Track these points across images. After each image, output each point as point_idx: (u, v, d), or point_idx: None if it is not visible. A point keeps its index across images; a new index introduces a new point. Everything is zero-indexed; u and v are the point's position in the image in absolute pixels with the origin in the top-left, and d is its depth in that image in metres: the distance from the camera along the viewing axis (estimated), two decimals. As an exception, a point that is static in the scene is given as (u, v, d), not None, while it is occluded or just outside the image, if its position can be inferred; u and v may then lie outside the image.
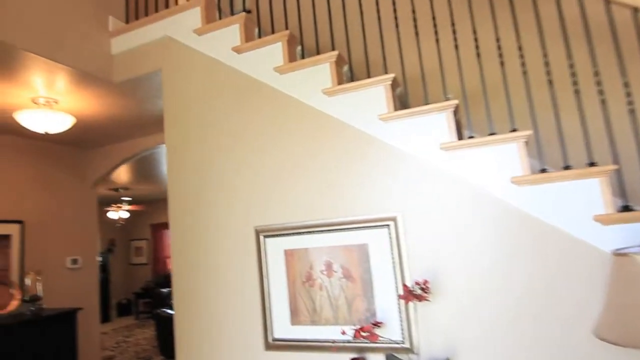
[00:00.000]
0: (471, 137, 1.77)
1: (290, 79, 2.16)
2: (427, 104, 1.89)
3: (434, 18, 2.12)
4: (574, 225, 1.57)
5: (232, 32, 2.34)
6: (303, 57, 2.20)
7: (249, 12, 2.49)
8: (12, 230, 3.84)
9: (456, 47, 2.02)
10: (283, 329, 2.01)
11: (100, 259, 9.28)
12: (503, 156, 1.72)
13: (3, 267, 3.71)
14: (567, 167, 1.66)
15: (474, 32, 1.99)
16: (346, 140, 2.00)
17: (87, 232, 4.52)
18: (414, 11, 2.11)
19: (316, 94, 2.09)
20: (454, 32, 2.02)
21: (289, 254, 2.04)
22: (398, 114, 1.89)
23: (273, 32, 2.29)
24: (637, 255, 1.16)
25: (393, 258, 1.82)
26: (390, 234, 1.84)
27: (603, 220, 1.52)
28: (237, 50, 2.29)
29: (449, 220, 1.77)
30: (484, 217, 1.72)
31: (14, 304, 3.55)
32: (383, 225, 1.86)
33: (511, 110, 1.86)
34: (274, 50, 2.20)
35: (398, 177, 1.88)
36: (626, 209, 1.54)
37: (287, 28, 2.27)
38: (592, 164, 1.62)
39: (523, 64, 1.85)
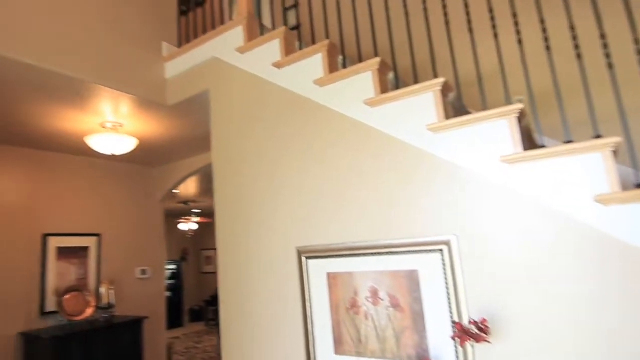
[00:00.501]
0: (541, 147, 1.50)
1: (332, 91, 2.04)
2: (485, 109, 1.66)
3: (491, 11, 1.85)
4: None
5: (272, 47, 2.29)
6: (345, 67, 2.07)
7: (298, 26, 2.43)
8: (90, 242, 4.17)
9: (520, 41, 1.75)
10: (326, 358, 1.87)
11: (174, 267, 9.92)
12: (584, 169, 1.42)
13: (82, 276, 4.03)
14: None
15: (542, 21, 1.69)
16: (392, 154, 1.83)
17: (155, 244, 4.78)
18: (466, 5, 1.87)
19: (359, 105, 1.95)
20: (517, 24, 1.75)
21: (332, 278, 1.91)
22: (449, 124, 1.68)
23: (314, 43, 2.19)
24: None
25: (447, 288, 1.61)
26: (443, 260, 1.63)
27: None
28: (278, 65, 2.23)
29: (514, 245, 1.52)
30: (559, 243, 1.44)
31: (89, 311, 3.83)
32: (435, 250, 1.65)
33: (593, 113, 1.54)
34: (314, 62, 2.11)
35: (451, 195, 1.66)
36: None
37: (328, 37, 2.16)
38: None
39: (607, 56, 1.54)
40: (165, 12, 3.07)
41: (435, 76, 1.83)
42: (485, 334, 1.38)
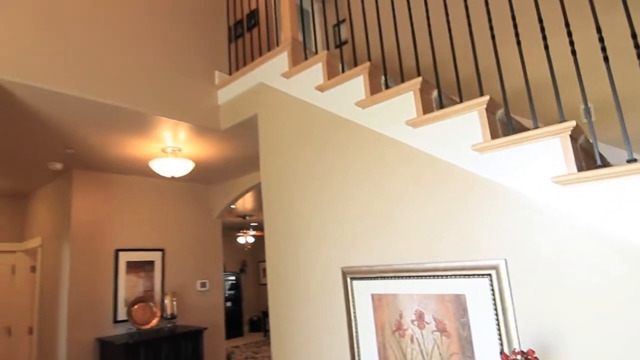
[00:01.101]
0: (601, 167, 1.40)
1: (373, 112, 2.06)
2: (537, 127, 1.58)
3: (540, 21, 1.74)
4: None
5: (315, 71, 2.36)
6: (387, 85, 2.08)
7: (344, 43, 2.48)
8: (156, 257, 4.49)
9: (573, 52, 1.63)
10: (374, 381, 1.87)
11: (234, 278, 10.31)
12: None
13: (149, 288, 4.34)
14: None
15: (599, 30, 1.55)
16: (436, 175, 1.80)
17: (214, 258, 5.03)
18: (514, 17, 1.79)
19: (400, 126, 1.95)
20: (570, 34, 1.61)
21: (376, 299, 1.91)
22: (496, 144, 1.62)
23: (356, 64, 2.23)
24: None
25: (496, 314, 1.54)
26: (491, 285, 1.57)
27: None
28: (321, 88, 2.30)
29: (569, 273, 1.43)
30: (621, 272, 1.33)
31: (155, 321, 4.11)
32: (483, 275, 1.60)
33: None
34: (356, 85, 2.14)
35: (499, 217, 1.60)
36: None
37: (369, 59, 2.18)
38: None
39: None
40: (217, 42, 3.28)
41: (481, 93, 1.78)
42: None
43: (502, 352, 1.32)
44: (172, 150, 3.55)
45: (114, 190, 4.26)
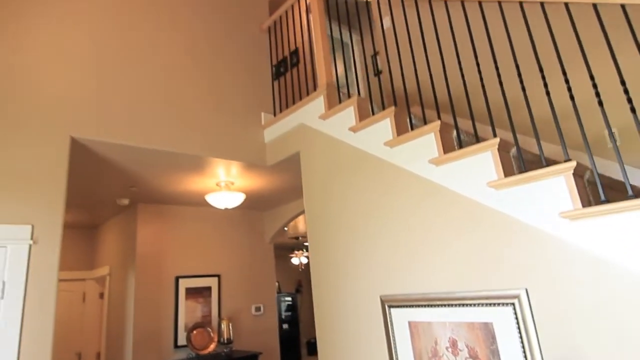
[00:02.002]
0: (605, 202, 1.50)
1: (400, 151, 2.25)
2: (546, 164, 1.68)
3: (558, 56, 1.83)
4: None
5: (348, 114, 2.60)
6: (412, 125, 2.26)
7: (380, 72, 2.69)
8: (212, 282, 4.83)
9: (595, 88, 1.71)
10: (412, 405, 1.98)
11: (290, 299, 10.33)
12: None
13: (206, 314, 4.68)
14: None
15: (615, 65, 1.62)
16: (459, 210, 1.94)
17: (267, 281, 5.28)
18: (536, 52, 1.87)
19: (425, 164, 2.12)
20: (589, 69, 1.68)
21: (413, 326, 2.05)
22: (507, 181, 1.75)
23: (383, 107, 2.44)
24: None
25: (522, 342, 1.64)
26: (515, 313, 1.67)
27: None
28: (353, 129, 2.53)
29: (587, 303, 1.51)
30: (626, 296, 1.40)
31: (212, 346, 4.41)
32: (507, 304, 1.70)
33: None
34: (383, 126, 2.35)
35: (519, 250, 1.71)
36: None
37: (404, 88, 2.38)
38: None
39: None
40: (262, 83, 3.63)
41: (494, 133, 1.91)
42: None
43: None
44: (225, 184, 3.91)
45: (174, 220, 4.69)
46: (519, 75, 1.84)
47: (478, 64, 1.99)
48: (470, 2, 2.68)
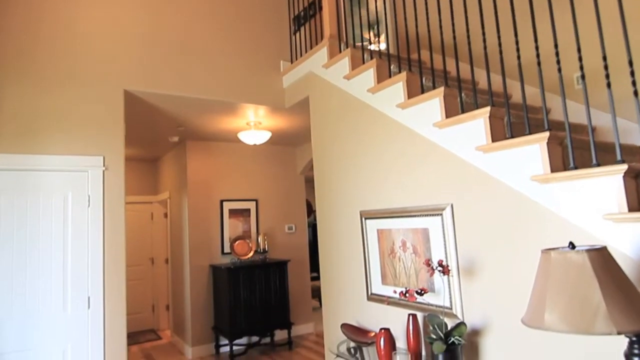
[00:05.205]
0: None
1: (380, 96, 2.75)
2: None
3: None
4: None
5: (344, 64, 3.09)
6: (390, 74, 2.73)
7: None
8: (251, 205, 5.77)
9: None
10: (377, 286, 2.72)
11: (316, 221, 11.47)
12: None
13: (246, 229, 5.68)
14: None
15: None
16: (417, 147, 2.49)
17: (298, 207, 6.15)
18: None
19: (393, 108, 2.62)
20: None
21: (379, 233, 2.72)
22: (448, 122, 2.25)
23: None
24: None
25: (444, 241, 2.26)
26: (442, 221, 2.27)
27: None
28: (347, 77, 3.03)
29: (489, 218, 2.07)
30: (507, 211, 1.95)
31: (251, 254, 5.44)
32: (438, 214, 2.30)
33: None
34: (368, 76, 2.84)
35: (448, 175, 2.26)
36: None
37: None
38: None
39: None
40: (281, 35, 4.12)
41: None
42: (447, 270, 2.04)
43: (426, 259, 2.05)
44: (254, 124, 4.61)
45: (217, 154, 5.56)
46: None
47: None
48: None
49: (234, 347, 5.19)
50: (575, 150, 2.03)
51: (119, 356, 2.99)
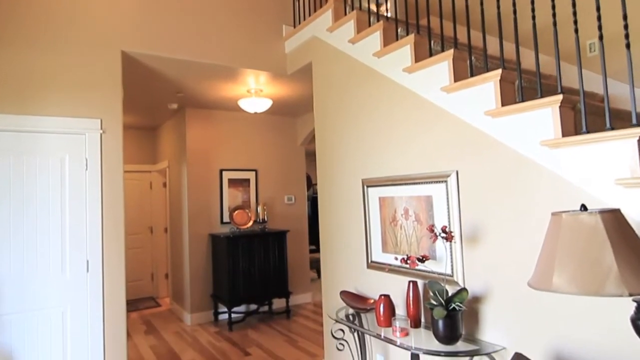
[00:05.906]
0: None
1: (385, 60, 2.66)
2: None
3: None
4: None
5: (349, 27, 2.97)
6: (397, 36, 2.63)
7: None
8: (250, 175, 5.73)
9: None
10: (377, 254, 2.71)
11: (316, 195, 11.48)
12: None
13: (246, 199, 5.65)
14: None
15: None
16: (422, 111, 2.42)
17: (298, 178, 6.11)
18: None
19: (399, 72, 2.54)
20: None
21: (381, 200, 2.68)
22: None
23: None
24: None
25: (448, 208, 2.22)
26: (447, 188, 2.23)
27: None
28: (352, 41, 2.92)
29: (494, 183, 2.03)
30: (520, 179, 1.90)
31: (250, 223, 5.44)
32: (442, 181, 2.25)
33: None
34: (374, 39, 2.73)
35: (453, 141, 2.20)
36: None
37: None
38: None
39: None
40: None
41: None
42: (450, 237, 2.01)
43: (430, 225, 2.03)
44: (254, 91, 4.50)
45: (217, 123, 5.47)
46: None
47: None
48: None
49: (233, 315, 5.27)
50: (587, 115, 1.97)
51: (119, 320, 3.01)
